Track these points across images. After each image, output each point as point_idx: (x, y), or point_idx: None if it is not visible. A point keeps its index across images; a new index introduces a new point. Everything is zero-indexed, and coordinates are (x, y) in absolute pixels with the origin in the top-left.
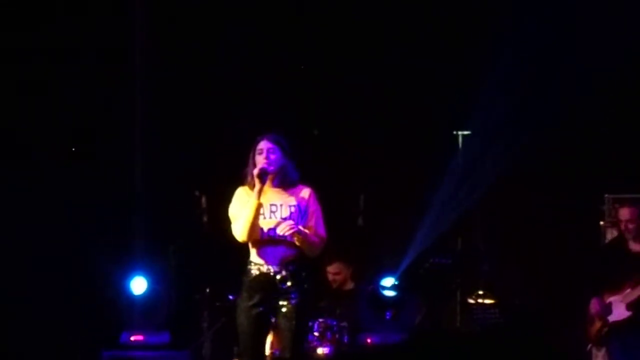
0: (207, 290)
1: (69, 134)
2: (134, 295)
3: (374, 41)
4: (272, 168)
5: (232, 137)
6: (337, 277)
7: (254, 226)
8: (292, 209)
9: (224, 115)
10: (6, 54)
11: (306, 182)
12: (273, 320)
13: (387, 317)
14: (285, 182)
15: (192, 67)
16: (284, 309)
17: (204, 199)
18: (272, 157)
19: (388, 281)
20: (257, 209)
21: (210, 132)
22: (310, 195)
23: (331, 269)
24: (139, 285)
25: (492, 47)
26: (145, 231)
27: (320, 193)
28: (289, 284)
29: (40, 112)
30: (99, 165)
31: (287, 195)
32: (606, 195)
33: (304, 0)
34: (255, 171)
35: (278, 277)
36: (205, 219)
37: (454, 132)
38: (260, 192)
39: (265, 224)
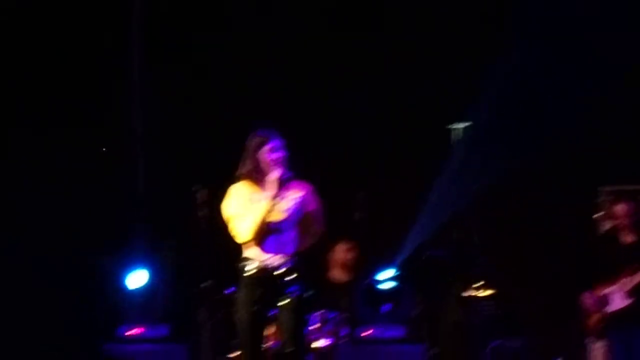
0: (206, 283)
1: (70, 128)
2: (133, 289)
3: (370, 37)
4: (288, 173)
5: (232, 131)
6: (351, 254)
7: (263, 227)
8: (295, 202)
9: (223, 108)
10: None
11: (303, 178)
12: (272, 313)
13: (385, 310)
14: (285, 178)
15: (190, 62)
16: (284, 302)
17: (203, 193)
18: (283, 154)
19: (388, 273)
20: (270, 210)
21: (210, 127)
22: (310, 191)
23: (343, 245)
24: (137, 278)
25: (489, 44)
26: (144, 224)
27: (319, 189)
28: (289, 277)
29: (42, 108)
30: (99, 160)
31: (287, 188)
32: (600, 188)
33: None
34: (274, 176)
35: (279, 271)
36: (204, 212)
37: (449, 126)
38: (275, 196)
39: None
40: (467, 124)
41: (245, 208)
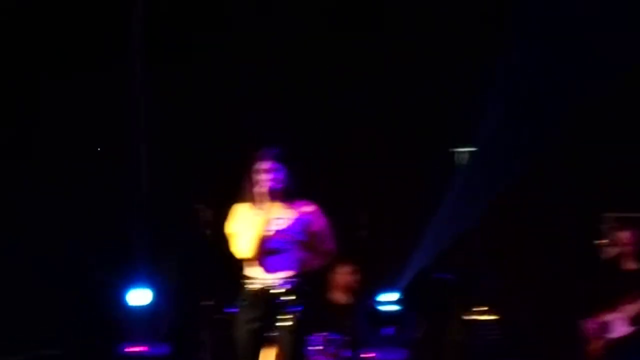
0: (208, 302)
1: (73, 144)
2: (136, 307)
3: (373, 59)
4: (280, 185)
5: (235, 151)
6: (354, 277)
7: (261, 243)
8: (290, 221)
9: (227, 128)
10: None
11: (308, 198)
12: (272, 334)
13: (389, 333)
14: (287, 196)
15: (194, 78)
16: (284, 323)
17: (206, 212)
18: (275, 175)
19: (391, 296)
20: (265, 224)
21: (213, 146)
22: (314, 211)
23: (346, 268)
24: (140, 297)
25: (491, 63)
26: (147, 243)
27: (324, 209)
28: (289, 297)
29: (43, 122)
30: (102, 177)
31: (289, 208)
32: (605, 214)
33: (303, 17)
34: (264, 189)
35: (279, 291)
36: (207, 231)
37: (455, 149)
38: (269, 209)
39: (268, 235)
40: (471, 148)
41: (244, 226)
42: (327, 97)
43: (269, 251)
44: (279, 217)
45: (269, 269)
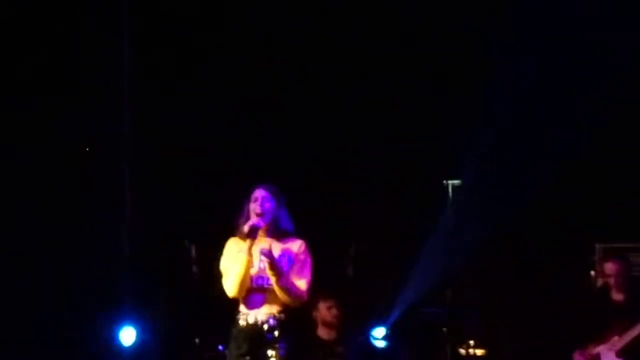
0: (196, 340)
1: (59, 183)
2: (123, 346)
3: (363, 91)
4: (262, 223)
5: (223, 187)
6: (333, 312)
7: (244, 281)
8: (282, 258)
9: (215, 164)
10: None
11: (300, 235)
12: None
13: None
14: (277, 232)
15: (183, 115)
16: (272, 359)
17: (193, 249)
18: (267, 205)
19: (379, 331)
20: (248, 264)
21: (202, 182)
22: (300, 247)
23: (324, 303)
24: (128, 335)
25: (483, 96)
26: (134, 281)
27: (311, 242)
28: (276, 333)
29: (28, 165)
30: (88, 214)
31: (278, 244)
32: (597, 245)
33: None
34: (246, 227)
35: (265, 326)
36: (194, 269)
37: (445, 182)
38: (250, 248)
39: (255, 272)
40: (461, 180)
41: (231, 263)
42: (316, 130)
43: (253, 288)
44: (262, 252)
45: (254, 305)
